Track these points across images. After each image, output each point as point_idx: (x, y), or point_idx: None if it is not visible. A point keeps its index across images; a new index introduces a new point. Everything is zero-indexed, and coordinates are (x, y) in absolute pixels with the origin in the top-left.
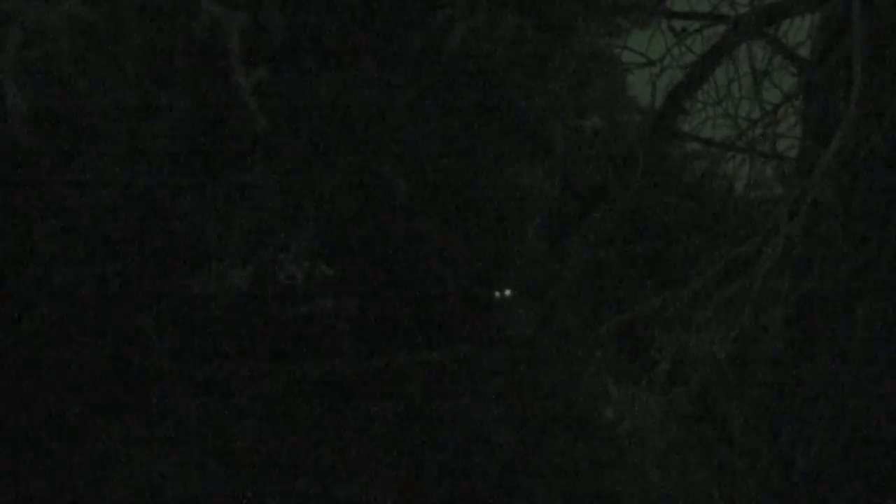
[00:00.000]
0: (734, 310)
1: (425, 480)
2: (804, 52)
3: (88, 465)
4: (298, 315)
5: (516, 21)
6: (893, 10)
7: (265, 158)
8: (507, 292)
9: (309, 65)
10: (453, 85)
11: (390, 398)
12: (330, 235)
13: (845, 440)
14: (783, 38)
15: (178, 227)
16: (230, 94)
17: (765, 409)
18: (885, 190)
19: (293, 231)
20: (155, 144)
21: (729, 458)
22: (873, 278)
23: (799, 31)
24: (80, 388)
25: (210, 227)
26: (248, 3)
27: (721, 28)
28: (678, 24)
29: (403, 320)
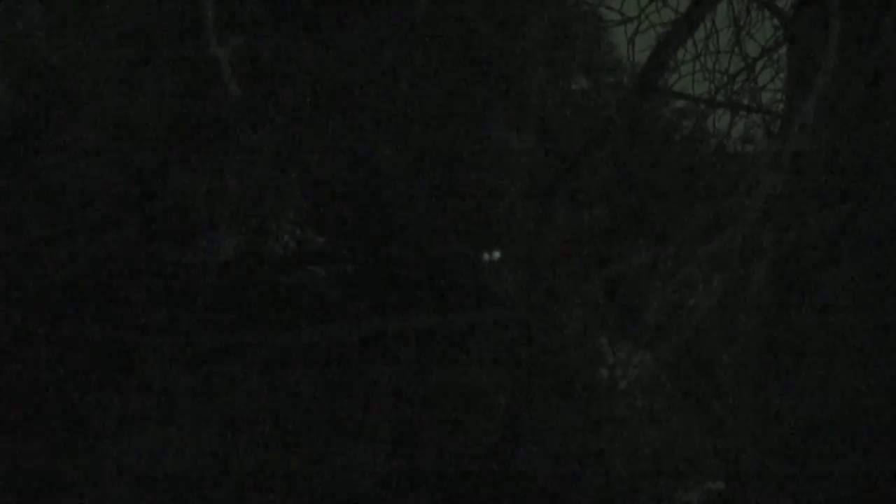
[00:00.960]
0: (720, 264)
1: (421, 444)
2: (783, 6)
3: (85, 439)
4: (290, 283)
5: None
6: None
7: (251, 128)
8: (496, 254)
9: (290, 33)
10: (430, 47)
11: (384, 364)
12: (319, 203)
13: (833, 392)
14: None
15: (167, 199)
16: (212, 65)
17: (753, 363)
18: (867, 140)
19: (282, 200)
20: (140, 118)
21: (721, 413)
22: (857, 228)
23: None
24: (74, 363)
25: (199, 199)
26: None
27: None
28: None
29: (394, 286)
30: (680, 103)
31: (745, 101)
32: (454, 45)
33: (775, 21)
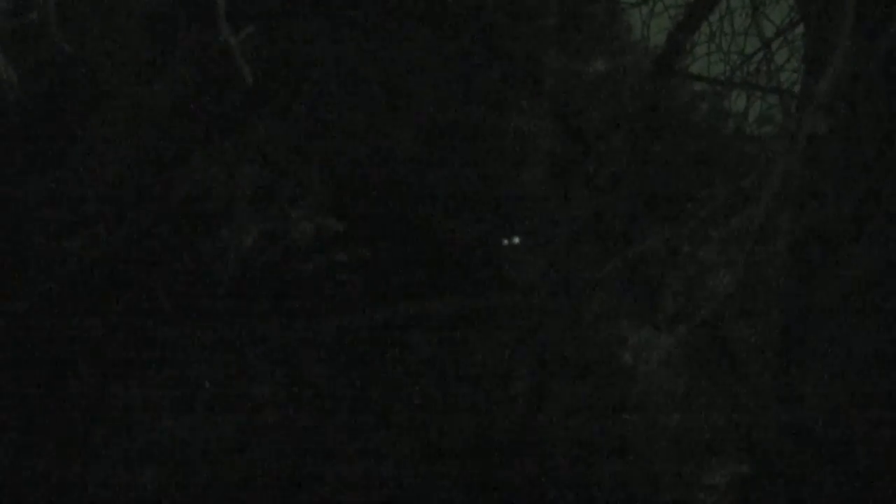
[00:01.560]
0: (738, 244)
1: (442, 430)
2: None
3: (103, 428)
4: (310, 270)
5: None
6: None
7: (270, 115)
8: (516, 239)
9: (309, 17)
10: (446, 29)
11: (404, 350)
12: (338, 190)
13: (855, 372)
14: None
15: (186, 187)
16: (226, 53)
17: (773, 344)
18: (884, 119)
19: (301, 187)
20: (158, 105)
21: (743, 395)
22: (875, 209)
23: None
24: (93, 352)
25: (217, 186)
26: None
27: None
28: None
29: (414, 272)
30: (698, 86)
31: (762, 82)
32: (469, 29)
33: (790, 1)
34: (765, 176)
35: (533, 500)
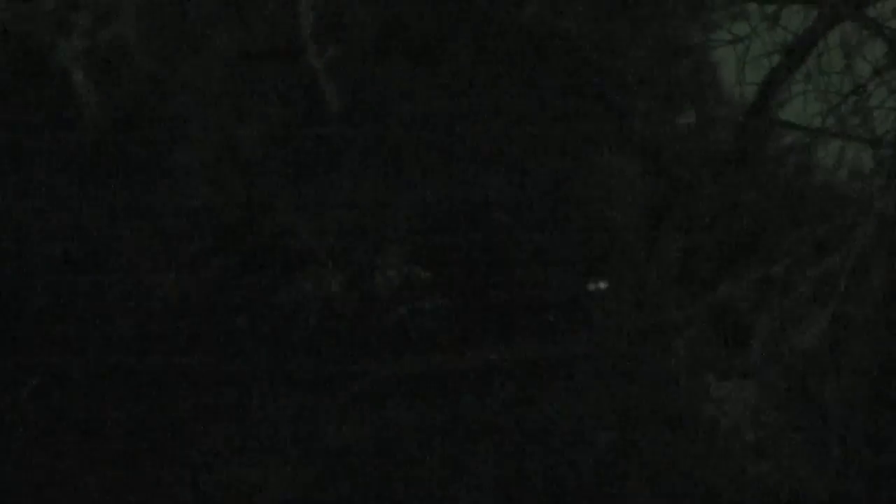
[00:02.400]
0: (828, 289)
1: (524, 478)
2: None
3: (187, 470)
4: (395, 317)
5: None
6: None
7: (357, 159)
8: (602, 284)
9: (399, 62)
10: (535, 69)
11: (487, 396)
12: (424, 237)
13: None
14: (875, 15)
15: (270, 229)
16: (317, 94)
17: (863, 393)
18: None
19: (388, 234)
20: (245, 144)
21: (831, 447)
22: None
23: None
24: (177, 393)
25: (303, 230)
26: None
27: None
28: (769, 9)
29: (499, 317)
30: (789, 138)
31: (856, 124)
32: (558, 72)
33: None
34: (856, 221)
35: None
